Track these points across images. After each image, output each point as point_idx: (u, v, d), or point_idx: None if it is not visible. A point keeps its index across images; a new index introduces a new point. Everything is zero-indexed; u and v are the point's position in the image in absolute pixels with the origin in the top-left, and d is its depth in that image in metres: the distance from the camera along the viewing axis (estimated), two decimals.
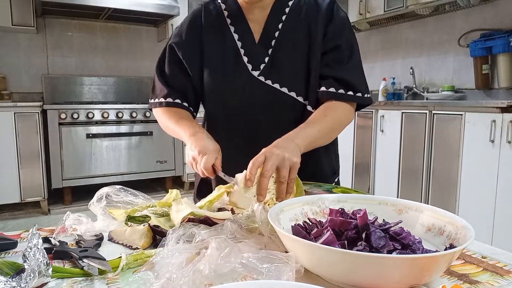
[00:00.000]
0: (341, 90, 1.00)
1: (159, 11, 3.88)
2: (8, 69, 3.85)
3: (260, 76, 1.04)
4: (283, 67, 1.03)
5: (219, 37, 1.06)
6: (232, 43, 1.05)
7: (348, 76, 1.01)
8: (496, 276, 0.56)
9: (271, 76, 1.03)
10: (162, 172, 4.03)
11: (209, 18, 1.08)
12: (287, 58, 1.03)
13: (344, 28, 1.05)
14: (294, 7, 1.06)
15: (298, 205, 0.71)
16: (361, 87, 1.02)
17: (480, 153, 2.37)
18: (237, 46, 1.05)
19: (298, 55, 1.04)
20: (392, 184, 3.02)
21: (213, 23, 1.08)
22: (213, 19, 1.08)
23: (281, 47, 1.04)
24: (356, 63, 1.05)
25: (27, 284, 0.50)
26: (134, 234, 0.68)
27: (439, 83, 3.41)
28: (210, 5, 1.10)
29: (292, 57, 1.04)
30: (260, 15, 1.06)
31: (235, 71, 1.05)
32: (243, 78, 1.04)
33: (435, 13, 3.33)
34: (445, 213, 0.64)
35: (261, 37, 1.05)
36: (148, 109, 1.13)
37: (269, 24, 1.05)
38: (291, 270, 0.49)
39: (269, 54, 1.04)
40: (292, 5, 1.06)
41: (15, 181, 3.33)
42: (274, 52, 1.04)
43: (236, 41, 1.05)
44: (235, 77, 1.05)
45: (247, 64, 1.04)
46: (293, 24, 1.05)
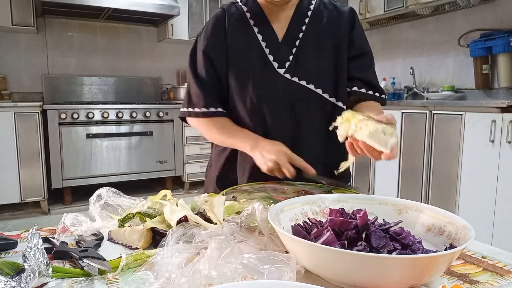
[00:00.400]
0: (370, 92, 1.11)
1: (159, 11, 3.88)
2: (8, 69, 3.85)
3: (286, 74, 1.07)
4: (308, 65, 1.07)
5: (243, 38, 1.09)
6: (256, 43, 1.08)
7: (374, 80, 1.13)
8: (496, 276, 0.56)
9: (297, 73, 1.06)
10: (162, 172, 4.03)
11: (232, 20, 1.10)
12: (312, 57, 1.07)
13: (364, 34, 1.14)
14: (316, 11, 1.11)
15: (298, 205, 0.71)
16: (382, 90, 1.14)
17: (480, 153, 2.37)
18: (261, 46, 1.08)
19: (322, 55, 1.08)
20: (392, 184, 3.02)
21: (237, 25, 1.10)
22: (236, 21, 1.10)
23: (305, 46, 1.08)
24: (374, 69, 1.16)
25: (27, 284, 0.50)
26: (134, 234, 0.67)
27: (439, 83, 3.41)
28: (231, 8, 1.12)
29: (317, 56, 1.08)
30: (283, 16, 1.09)
31: (262, 70, 1.07)
32: (270, 76, 1.06)
33: (435, 13, 3.33)
34: (445, 213, 0.64)
35: (285, 37, 1.08)
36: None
37: (293, 25, 1.09)
38: (291, 271, 0.49)
39: (293, 53, 1.07)
40: (313, 8, 1.11)
41: (15, 181, 3.33)
42: (298, 51, 1.07)
43: (260, 41, 1.08)
44: (263, 76, 1.07)
45: (273, 63, 1.07)
46: (316, 26, 1.10)
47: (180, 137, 4.07)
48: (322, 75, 1.08)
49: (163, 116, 3.92)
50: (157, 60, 4.61)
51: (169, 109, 3.96)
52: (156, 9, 3.84)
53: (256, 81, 1.07)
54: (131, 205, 0.79)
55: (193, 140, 4.13)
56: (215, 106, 1.10)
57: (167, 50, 4.63)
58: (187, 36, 4.34)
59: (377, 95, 1.12)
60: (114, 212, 0.79)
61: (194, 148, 4.15)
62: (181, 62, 4.71)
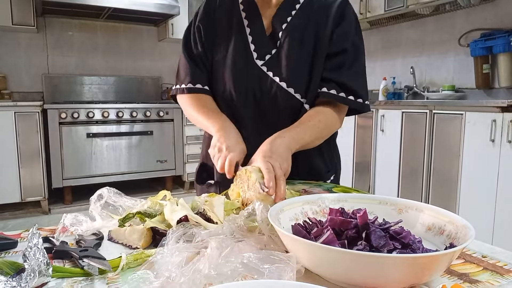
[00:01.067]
0: (342, 94, 1.01)
1: (159, 11, 3.88)
2: (8, 68, 3.85)
3: (263, 66, 1.04)
4: (286, 62, 1.03)
5: (231, 23, 1.07)
6: (241, 30, 1.06)
7: (351, 82, 1.02)
8: (496, 276, 0.56)
9: (274, 68, 1.04)
10: (162, 172, 4.03)
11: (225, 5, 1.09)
12: (292, 55, 1.03)
13: (351, 30, 1.05)
14: (305, 5, 1.06)
15: (298, 205, 0.71)
16: (362, 93, 1.03)
17: (480, 153, 2.37)
18: (245, 33, 1.06)
19: (303, 53, 1.04)
20: (392, 184, 3.02)
21: (226, 9, 1.08)
22: (226, 5, 1.09)
23: (288, 41, 1.03)
24: (359, 68, 1.06)
25: (27, 284, 0.50)
26: (134, 233, 0.67)
27: (440, 82, 3.41)
28: None
29: (297, 54, 1.04)
30: (272, 11, 1.06)
31: (241, 57, 1.05)
32: (247, 65, 1.04)
33: (435, 12, 3.32)
34: (445, 213, 0.64)
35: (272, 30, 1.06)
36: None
37: (278, 18, 1.05)
38: (292, 271, 0.49)
39: (277, 47, 1.04)
40: (303, 2, 1.06)
41: (16, 180, 3.33)
42: (281, 46, 1.04)
43: (248, 34, 1.06)
44: (239, 63, 1.05)
45: (252, 53, 1.05)
46: (303, 21, 1.05)
47: (180, 137, 4.07)
48: (298, 75, 1.03)
49: (163, 115, 3.92)
50: (157, 59, 4.61)
51: (169, 108, 3.96)
52: (156, 9, 3.85)
53: (232, 68, 1.05)
54: (131, 205, 0.79)
55: (193, 140, 4.13)
56: (201, 83, 1.08)
57: (168, 49, 4.63)
58: None
59: (350, 98, 1.01)
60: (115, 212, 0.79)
61: (194, 148, 4.15)
62: None
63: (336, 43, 1.03)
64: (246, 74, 1.05)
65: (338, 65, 1.03)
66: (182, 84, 1.09)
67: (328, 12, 1.04)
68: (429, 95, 3.30)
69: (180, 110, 4.01)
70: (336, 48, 1.03)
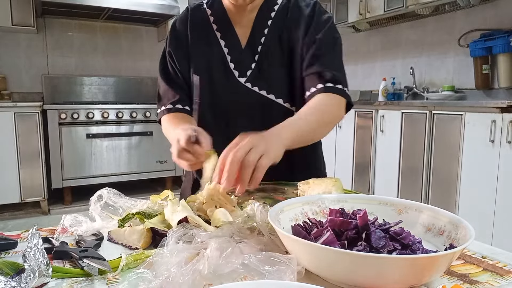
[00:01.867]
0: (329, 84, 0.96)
1: (159, 11, 3.88)
2: (8, 69, 3.85)
3: (247, 83, 1.03)
4: (269, 74, 1.02)
5: (206, 43, 1.05)
6: (218, 49, 1.05)
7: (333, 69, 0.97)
8: (496, 276, 0.56)
9: (258, 82, 1.02)
10: (162, 172, 4.03)
11: (195, 23, 1.07)
12: (273, 64, 1.02)
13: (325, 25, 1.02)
14: (280, 10, 1.04)
15: (298, 205, 0.71)
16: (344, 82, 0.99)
17: (480, 153, 2.37)
18: (223, 53, 1.04)
19: (283, 61, 1.03)
20: (392, 184, 3.02)
21: (199, 29, 1.06)
22: (199, 25, 1.07)
23: (267, 53, 1.03)
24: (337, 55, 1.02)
25: (27, 284, 0.50)
26: (133, 234, 0.67)
27: (439, 83, 3.41)
28: (196, 11, 1.09)
29: (277, 63, 1.03)
30: (247, 19, 1.05)
31: (222, 77, 1.04)
32: (230, 85, 1.03)
33: (435, 13, 3.33)
34: (445, 213, 0.64)
35: (248, 43, 1.04)
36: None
37: (256, 29, 1.04)
38: (292, 273, 0.49)
39: (256, 60, 1.03)
40: (278, 8, 1.05)
41: (15, 181, 3.33)
42: (260, 58, 1.03)
43: (223, 47, 1.04)
44: (222, 83, 1.04)
45: (233, 71, 1.03)
46: (279, 29, 1.03)
47: None
48: (282, 84, 1.03)
49: None
50: (157, 60, 4.55)
51: None
52: (156, 9, 3.85)
53: (217, 89, 1.04)
54: (131, 206, 0.79)
55: None
56: (181, 103, 1.07)
57: None
58: None
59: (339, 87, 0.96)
60: (115, 212, 0.79)
61: None
62: None
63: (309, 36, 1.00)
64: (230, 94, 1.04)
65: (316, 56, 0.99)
66: (163, 106, 1.08)
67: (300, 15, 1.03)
68: (429, 95, 3.30)
69: None
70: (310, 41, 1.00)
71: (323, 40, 1.00)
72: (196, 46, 1.06)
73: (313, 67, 0.99)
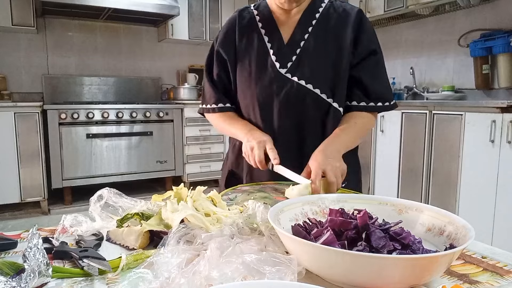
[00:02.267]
0: (371, 103, 1.11)
1: (159, 11, 3.88)
2: (8, 69, 3.85)
3: (287, 74, 1.10)
4: (309, 66, 1.10)
5: (251, 39, 1.15)
6: (262, 44, 1.13)
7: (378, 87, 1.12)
8: (496, 276, 0.56)
9: (297, 73, 1.10)
10: (162, 172, 4.03)
11: (242, 22, 1.17)
12: (314, 59, 1.10)
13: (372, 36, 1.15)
14: (324, 13, 1.13)
15: (298, 205, 0.71)
16: (389, 96, 1.14)
17: (480, 153, 2.37)
18: (266, 46, 1.13)
19: (325, 58, 1.10)
20: (392, 184, 3.02)
21: (246, 27, 1.17)
22: (245, 24, 1.17)
23: (309, 48, 1.10)
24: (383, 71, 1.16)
25: (27, 284, 0.50)
26: (131, 234, 0.67)
27: (439, 83, 3.41)
28: (244, 12, 1.20)
29: (319, 59, 1.10)
30: (291, 20, 1.13)
31: (264, 68, 1.12)
32: (271, 75, 1.11)
33: (435, 13, 3.33)
34: (445, 213, 0.64)
35: (290, 39, 1.12)
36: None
37: (299, 27, 1.12)
38: (293, 274, 0.49)
39: (297, 54, 1.10)
40: (322, 11, 1.13)
41: (15, 181, 3.33)
42: (301, 53, 1.10)
43: (266, 42, 1.13)
44: (264, 74, 1.12)
45: (275, 63, 1.10)
46: (323, 29, 1.11)
47: (180, 137, 4.07)
48: (321, 76, 1.10)
49: (163, 116, 3.92)
50: (157, 60, 4.61)
51: (169, 109, 3.96)
52: (156, 9, 3.85)
53: (258, 80, 1.12)
54: (132, 206, 0.79)
55: (193, 140, 4.13)
56: (224, 102, 1.19)
57: (167, 50, 4.63)
58: (187, 36, 4.34)
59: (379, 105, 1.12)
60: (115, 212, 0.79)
61: (194, 148, 4.15)
62: (181, 62, 4.71)
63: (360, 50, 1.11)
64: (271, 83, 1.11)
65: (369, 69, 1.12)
66: (208, 104, 1.22)
67: (347, 20, 1.12)
68: (429, 95, 3.30)
69: (179, 111, 4.02)
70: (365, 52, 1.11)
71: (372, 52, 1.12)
72: (242, 42, 1.16)
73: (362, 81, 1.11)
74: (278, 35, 1.13)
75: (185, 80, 4.52)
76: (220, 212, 0.73)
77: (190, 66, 4.73)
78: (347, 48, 1.10)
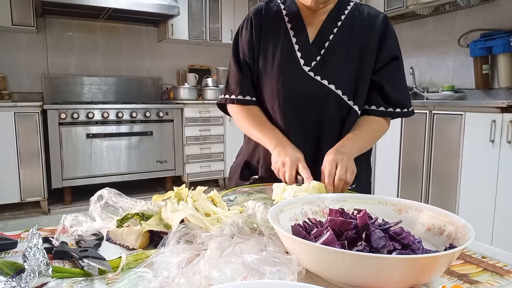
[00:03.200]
0: (390, 109, 1.12)
1: (159, 11, 3.88)
2: (8, 69, 3.85)
3: (310, 72, 1.10)
4: (332, 67, 1.10)
5: (276, 32, 1.14)
6: (287, 39, 1.12)
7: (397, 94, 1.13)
8: (496, 276, 0.56)
9: (321, 73, 1.10)
10: (162, 172, 4.03)
11: (270, 15, 1.16)
12: (338, 60, 1.10)
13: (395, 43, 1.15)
14: (350, 16, 1.13)
15: (298, 205, 0.71)
16: (406, 102, 1.15)
17: (480, 153, 2.37)
18: (292, 42, 1.12)
19: (349, 60, 1.10)
20: (392, 184, 3.02)
21: (273, 20, 1.15)
22: (272, 16, 1.16)
23: (333, 49, 1.10)
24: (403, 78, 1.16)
25: (27, 284, 0.50)
26: (131, 234, 0.67)
27: (439, 83, 3.41)
28: (270, 3, 1.18)
29: (343, 60, 1.10)
30: (317, 20, 1.13)
31: (288, 64, 1.11)
32: (295, 71, 1.10)
33: (435, 13, 3.33)
34: (445, 213, 0.64)
35: (315, 39, 1.12)
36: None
37: (325, 27, 1.12)
38: (293, 274, 0.49)
39: (321, 54, 1.10)
40: (348, 13, 1.13)
41: (15, 181, 3.33)
42: (326, 53, 1.10)
43: (291, 37, 1.12)
44: (287, 69, 1.11)
45: (299, 59, 1.10)
46: (348, 31, 1.12)
47: (180, 137, 4.07)
48: (344, 78, 1.10)
49: (163, 116, 3.92)
50: (157, 60, 4.61)
51: (169, 109, 3.96)
52: (156, 9, 3.84)
53: (281, 75, 1.11)
54: (132, 206, 0.79)
55: (193, 140, 4.13)
56: (250, 95, 1.17)
57: (167, 50, 4.63)
58: (187, 36, 4.34)
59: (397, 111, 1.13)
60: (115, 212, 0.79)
61: (194, 148, 4.15)
62: (181, 62, 4.71)
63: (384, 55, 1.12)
64: (294, 79, 1.11)
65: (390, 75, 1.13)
66: (232, 94, 1.18)
67: (373, 24, 1.12)
68: (429, 95, 3.30)
69: (179, 110, 4.02)
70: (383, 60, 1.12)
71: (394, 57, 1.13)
72: (268, 33, 1.14)
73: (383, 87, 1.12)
74: (304, 33, 1.12)
75: (185, 80, 4.52)
76: (220, 212, 0.73)
77: (190, 66, 4.73)
78: (371, 53, 1.10)
